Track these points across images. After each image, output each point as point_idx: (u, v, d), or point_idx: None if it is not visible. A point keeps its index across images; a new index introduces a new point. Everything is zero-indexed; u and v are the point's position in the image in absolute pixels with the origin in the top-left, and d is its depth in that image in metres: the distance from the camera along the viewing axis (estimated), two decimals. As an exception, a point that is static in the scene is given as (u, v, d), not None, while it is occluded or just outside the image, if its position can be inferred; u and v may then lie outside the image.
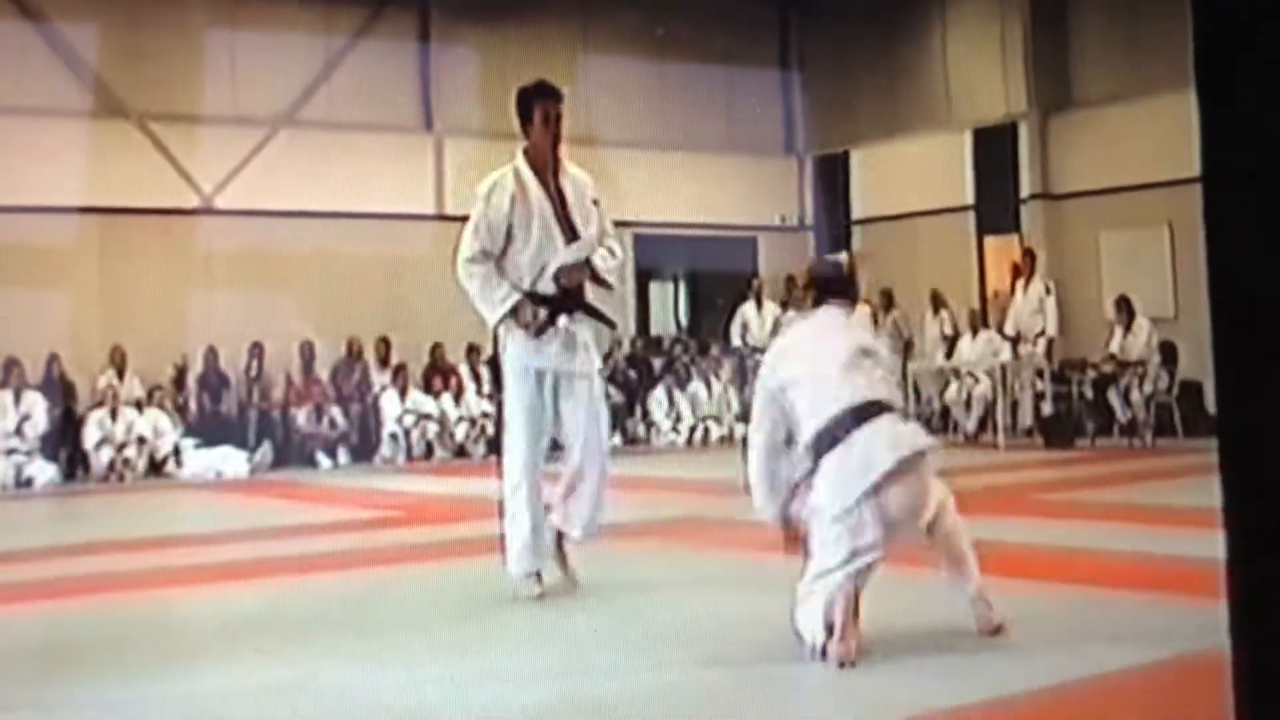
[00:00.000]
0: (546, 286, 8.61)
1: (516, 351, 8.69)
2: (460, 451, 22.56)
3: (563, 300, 8.66)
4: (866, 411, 6.84)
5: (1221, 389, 2.38)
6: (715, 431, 24.41)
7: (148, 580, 10.25)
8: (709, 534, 12.17)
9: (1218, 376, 2.39)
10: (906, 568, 7.12)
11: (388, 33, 24.94)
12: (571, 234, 8.67)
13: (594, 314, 8.92)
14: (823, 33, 28.07)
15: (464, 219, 23.44)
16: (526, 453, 8.65)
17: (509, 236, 8.65)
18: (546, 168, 8.73)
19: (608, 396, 10.31)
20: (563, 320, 8.66)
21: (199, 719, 6.20)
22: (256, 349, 22.80)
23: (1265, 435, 2.31)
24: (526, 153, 8.76)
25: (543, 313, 8.59)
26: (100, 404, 21.07)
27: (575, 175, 8.85)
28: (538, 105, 8.70)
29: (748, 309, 25.72)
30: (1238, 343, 2.35)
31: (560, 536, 8.88)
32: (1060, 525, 11.73)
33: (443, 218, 24.53)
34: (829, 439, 6.77)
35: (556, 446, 8.89)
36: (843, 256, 25.18)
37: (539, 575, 8.69)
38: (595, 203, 8.82)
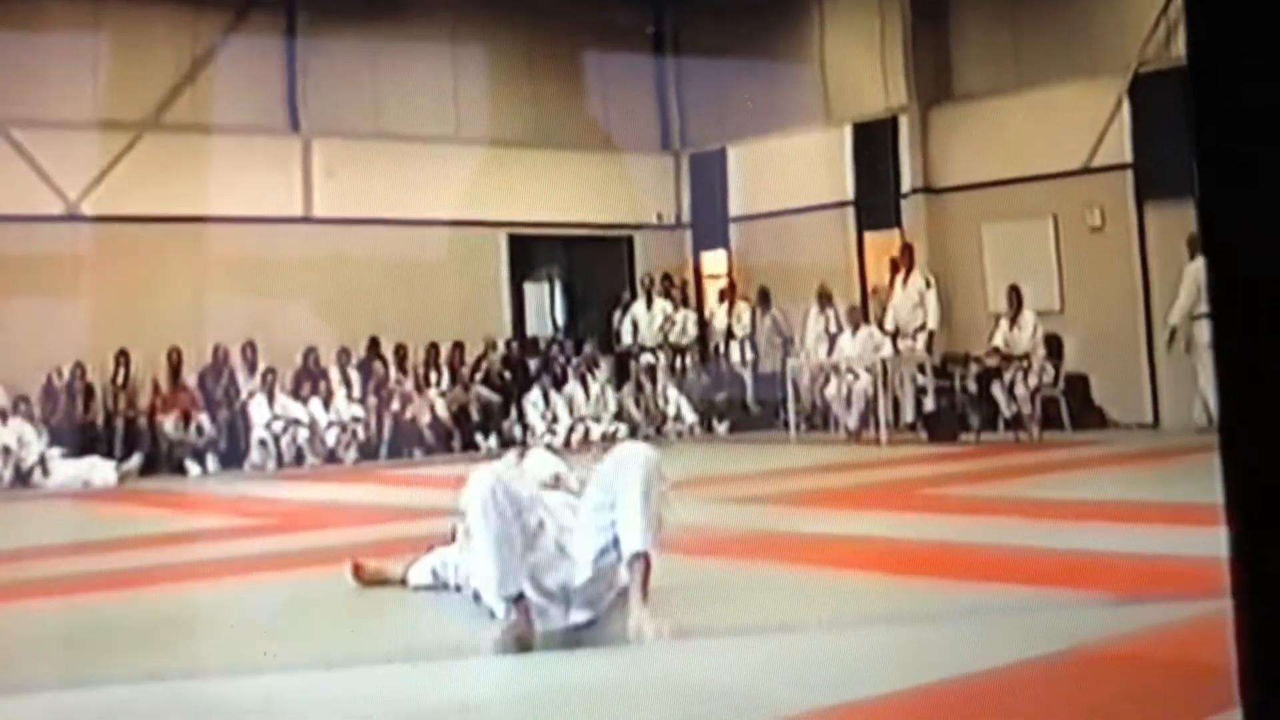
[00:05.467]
0: None
1: None
2: (331, 457, 22.10)
3: None
4: None
5: (1224, 385, 2.45)
6: (594, 432, 24.02)
7: (6, 592, 9.86)
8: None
9: (1219, 372, 2.46)
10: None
11: (253, 34, 24.36)
12: None
13: None
14: (698, 27, 27.76)
15: (332, 221, 22.83)
16: None
17: None
18: None
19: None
20: None
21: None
22: (123, 356, 22.21)
23: (1268, 432, 2.34)
24: None
25: None
26: (-38, 416, 20.53)
27: None
28: None
29: (638, 308, 25.53)
30: (1239, 338, 2.40)
31: None
32: (946, 521, 11.46)
33: (310, 220, 24.12)
34: None
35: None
36: None
37: None
38: None
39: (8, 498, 19.33)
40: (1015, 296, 20.87)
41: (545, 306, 27.76)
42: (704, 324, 26.79)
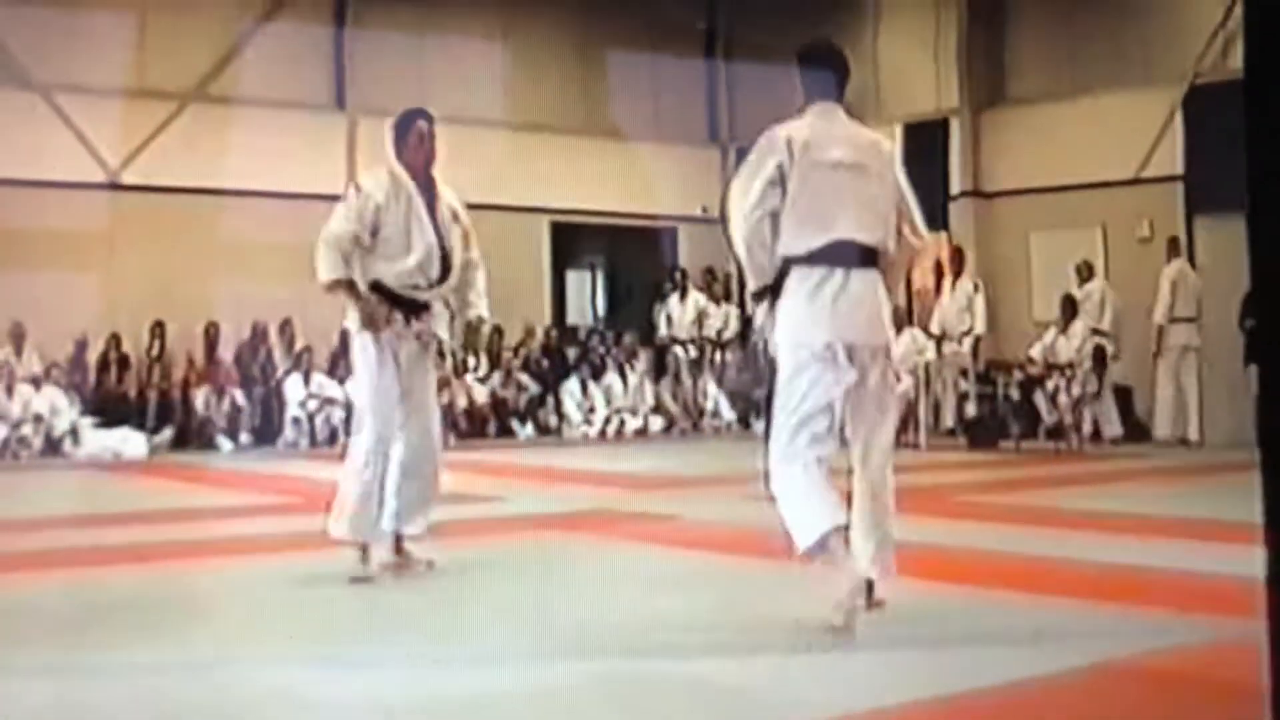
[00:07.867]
0: (404, 286, 9.01)
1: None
2: (365, 438, 21.98)
3: (415, 304, 9.05)
4: (844, 256, 6.99)
5: (1266, 401, 2.44)
6: (630, 424, 23.90)
7: (26, 563, 9.86)
8: (615, 527, 12.01)
9: (1263, 387, 2.46)
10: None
11: (302, 8, 24.28)
12: (439, 238, 9.11)
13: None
14: (751, 19, 27.57)
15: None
16: (377, 431, 8.88)
17: (377, 228, 8.95)
18: (419, 179, 9.22)
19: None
20: (414, 324, 9.07)
21: (70, 704, 5.91)
22: (158, 328, 22.19)
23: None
24: (403, 163, 9.26)
25: (383, 310, 8.90)
26: (-4, 381, 20.53)
27: (445, 192, 9.40)
28: (415, 124, 9.40)
29: (672, 300, 25.41)
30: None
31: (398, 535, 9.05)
32: (983, 528, 11.29)
33: (354, 199, 23.99)
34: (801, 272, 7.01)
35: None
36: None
37: (365, 550, 8.87)
38: (455, 217, 9.37)
39: (38, 466, 19.38)
40: (1070, 306, 20.70)
41: (587, 295, 27.68)
42: (747, 320, 26.60)
